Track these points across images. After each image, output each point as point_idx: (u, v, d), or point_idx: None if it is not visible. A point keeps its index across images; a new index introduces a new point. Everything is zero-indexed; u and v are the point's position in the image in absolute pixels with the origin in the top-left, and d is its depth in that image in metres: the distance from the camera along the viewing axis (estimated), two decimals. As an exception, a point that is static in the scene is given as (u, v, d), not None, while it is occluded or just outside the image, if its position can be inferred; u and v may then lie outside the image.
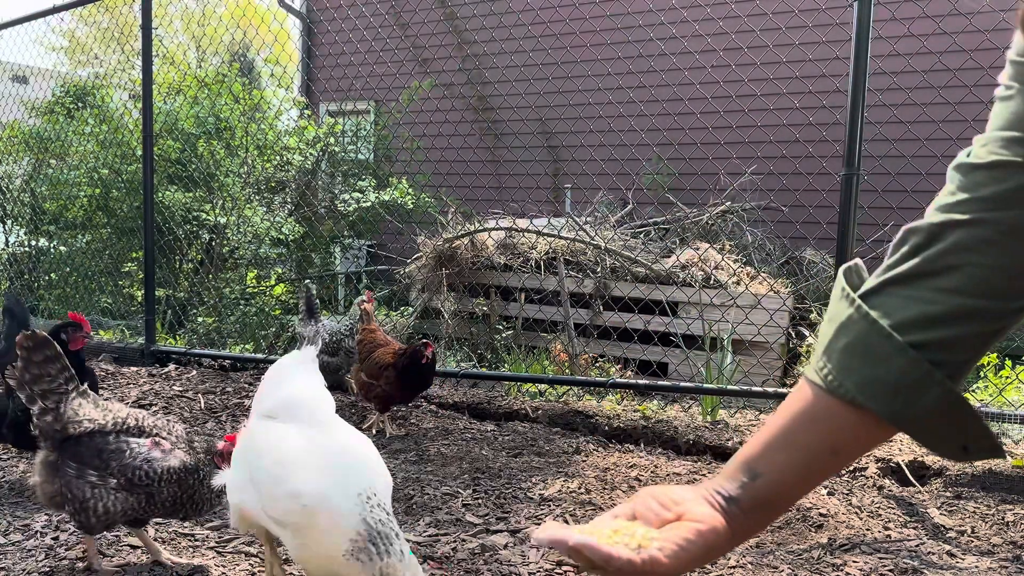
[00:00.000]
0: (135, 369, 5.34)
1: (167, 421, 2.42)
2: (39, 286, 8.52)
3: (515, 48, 7.02)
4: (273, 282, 7.76)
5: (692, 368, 5.72)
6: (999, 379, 4.51)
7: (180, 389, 4.71)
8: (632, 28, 6.91)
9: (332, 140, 8.48)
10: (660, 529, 0.96)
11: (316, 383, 2.13)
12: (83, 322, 3.00)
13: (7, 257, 8.79)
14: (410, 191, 7.97)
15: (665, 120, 7.19)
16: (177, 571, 2.34)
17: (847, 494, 3.21)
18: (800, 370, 5.58)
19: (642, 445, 3.97)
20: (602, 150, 7.01)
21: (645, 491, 1.03)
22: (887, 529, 2.83)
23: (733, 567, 2.40)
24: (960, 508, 3.07)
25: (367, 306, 4.37)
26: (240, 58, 12.07)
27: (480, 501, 3.01)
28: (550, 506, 2.98)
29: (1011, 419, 3.70)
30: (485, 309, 6.79)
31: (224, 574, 2.35)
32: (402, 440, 3.92)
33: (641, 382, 5.02)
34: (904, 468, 3.48)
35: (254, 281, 7.52)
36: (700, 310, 5.97)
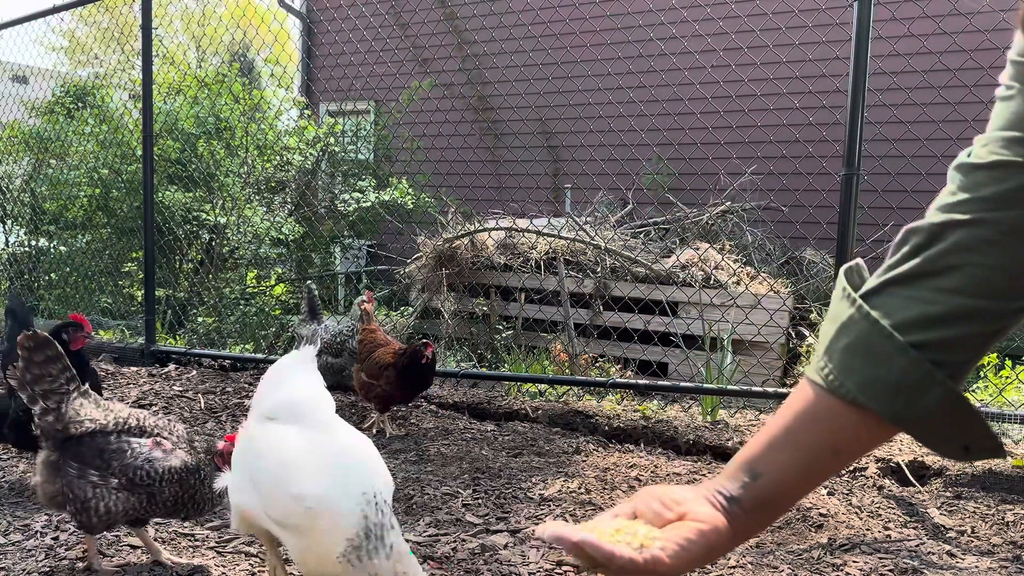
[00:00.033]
0: (135, 369, 5.34)
1: (168, 421, 2.42)
2: (39, 286, 8.51)
3: (515, 48, 7.02)
4: (273, 282, 7.76)
5: (692, 368, 5.72)
6: (999, 379, 4.51)
7: (180, 389, 4.71)
8: (632, 28, 6.91)
9: (332, 140, 8.48)
10: (662, 529, 0.96)
11: (315, 383, 2.11)
12: (84, 322, 3.02)
13: (7, 257, 8.79)
14: (410, 191, 7.97)
15: (665, 120, 7.19)
16: (177, 571, 2.34)
17: (847, 494, 3.21)
18: (800, 370, 5.58)
19: (642, 445, 3.97)
20: (602, 150, 7.01)
21: (646, 490, 1.03)
22: (887, 529, 2.83)
23: (733, 567, 2.40)
24: (960, 508, 3.08)
25: (367, 306, 4.36)
26: (240, 58, 12.07)
27: (480, 501, 3.01)
28: (550, 506, 2.98)
29: (1011, 419, 3.70)
30: (485, 309, 6.78)
31: (224, 574, 2.35)
32: (402, 440, 3.92)
33: (641, 382, 5.02)
34: (904, 468, 3.48)
35: (254, 281, 7.52)
36: (700, 310, 5.97)
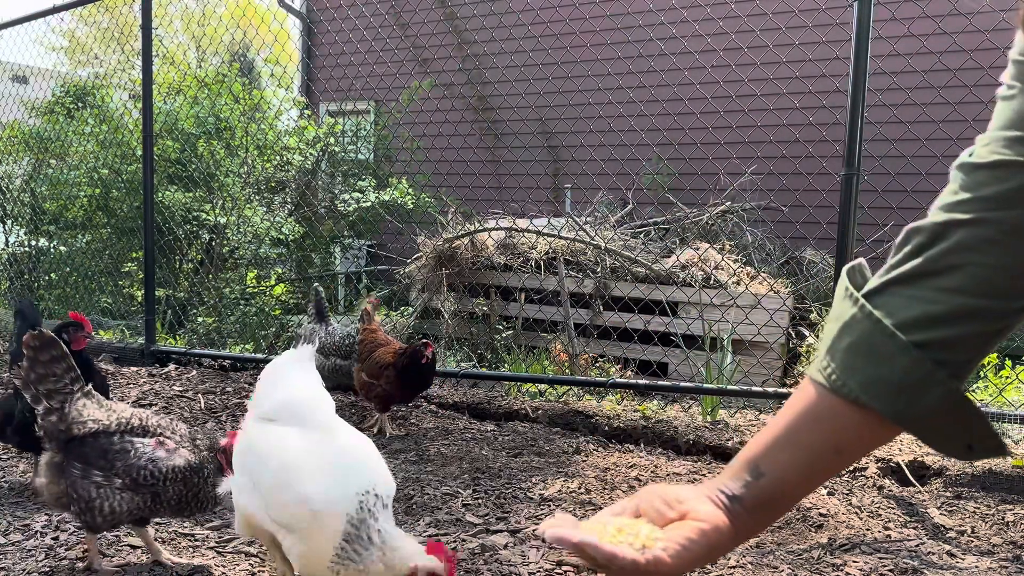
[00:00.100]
0: (135, 369, 5.33)
1: (170, 420, 2.42)
2: (39, 286, 8.51)
3: (515, 48, 7.02)
4: (273, 282, 7.76)
5: (692, 368, 5.72)
6: (999, 379, 4.52)
7: (180, 389, 4.70)
8: (632, 28, 6.91)
9: (332, 140, 8.48)
10: (664, 528, 0.96)
11: (313, 382, 2.08)
12: (84, 322, 3.01)
13: (7, 257, 8.79)
14: (410, 191, 7.98)
15: (665, 120, 7.19)
16: (177, 571, 2.34)
17: (847, 494, 3.21)
18: (800, 370, 5.58)
19: (642, 445, 3.97)
20: (602, 150, 7.01)
21: (649, 489, 1.03)
22: (887, 529, 2.83)
23: (733, 567, 2.40)
24: (960, 508, 3.07)
25: (368, 306, 4.37)
26: (240, 58, 12.07)
27: (480, 501, 3.01)
28: (550, 506, 2.98)
29: (1011, 419, 3.71)
30: (485, 309, 6.78)
31: (224, 574, 2.35)
32: (402, 440, 3.92)
33: (641, 382, 5.02)
34: (904, 468, 3.48)
35: (254, 281, 7.52)
36: (700, 310, 5.97)
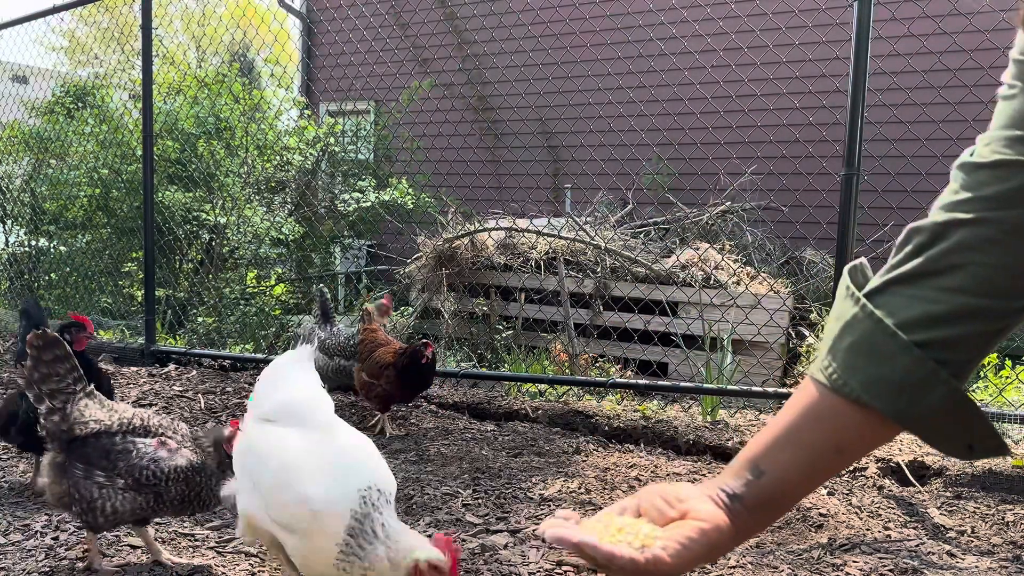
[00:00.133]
0: (135, 369, 5.33)
1: (171, 420, 2.42)
2: (39, 286, 8.51)
3: (515, 48, 7.02)
4: (273, 282, 7.76)
5: (692, 368, 5.72)
6: (999, 379, 4.52)
7: (180, 389, 4.70)
8: (632, 28, 6.91)
9: (332, 140, 8.48)
10: (664, 527, 0.96)
11: (313, 383, 2.09)
12: (86, 322, 3.00)
13: (7, 257, 8.79)
14: (410, 191, 7.98)
15: (665, 120, 7.19)
16: (177, 571, 2.34)
17: (847, 494, 3.21)
18: (800, 370, 5.58)
19: (642, 445, 3.97)
20: (602, 150, 7.01)
21: (650, 488, 1.03)
22: (887, 529, 2.83)
23: (733, 567, 2.40)
24: (960, 508, 3.07)
25: (369, 307, 4.37)
26: (240, 58, 12.07)
27: (480, 501, 3.01)
28: (550, 506, 2.98)
29: (1011, 419, 3.70)
30: (485, 309, 6.78)
31: (224, 574, 2.35)
32: (402, 440, 3.92)
33: (641, 382, 5.01)
34: (904, 468, 3.48)
35: (254, 281, 7.52)
36: (700, 310, 5.97)
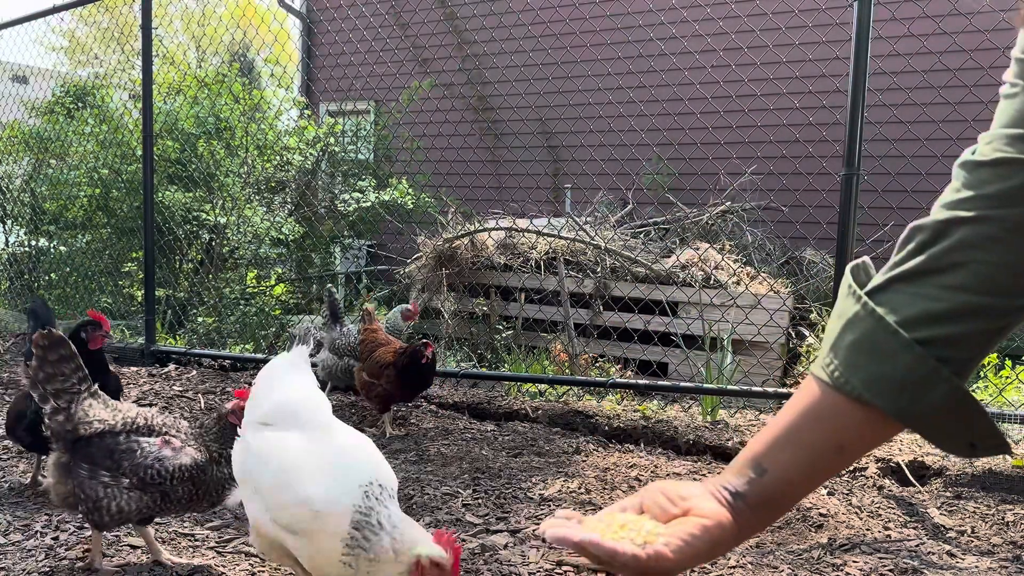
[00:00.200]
0: (135, 369, 5.33)
1: (174, 419, 2.42)
2: (39, 286, 8.51)
3: (515, 48, 7.02)
4: (273, 282, 7.76)
5: (692, 368, 5.72)
6: (999, 379, 4.51)
7: (180, 389, 4.71)
8: (632, 28, 6.91)
9: (332, 140, 8.48)
10: (667, 524, 0.96)
11: (309, 383, 2.08)
12: (103, 320, 2.96)
13: (7, 257, 8.79)
14: (410, 191, 7.98)
15: (665, 120, 7.19)
16: (177, 571, 2.34)
17: (847, 494, 3.20)
18: (800, 370, 5.58)
19: (642, 445, 3.97)
20: (602, 150, 7.01)
21: (653, 485, 1.03)
22: (887, 529, 2.83)
23: (733, 567, 2.40)
24: (960, 508, 3.07)
25: (369, 307, 4.38)
26: (240, 58, 12.08)
27: (480, 501, 3.01)
28: (550, 506, 2.98)
29: (1011, 419, 3.70)
30: (485, 309, 6.78)
31: (224, 574, 2.35)
32: (402, 440, 3.92)
33: (641, 382, 5.01)
34: (904, 468, 3.48)
35: (254, 281, 7.52)
36: (700, 310, 5.97)
